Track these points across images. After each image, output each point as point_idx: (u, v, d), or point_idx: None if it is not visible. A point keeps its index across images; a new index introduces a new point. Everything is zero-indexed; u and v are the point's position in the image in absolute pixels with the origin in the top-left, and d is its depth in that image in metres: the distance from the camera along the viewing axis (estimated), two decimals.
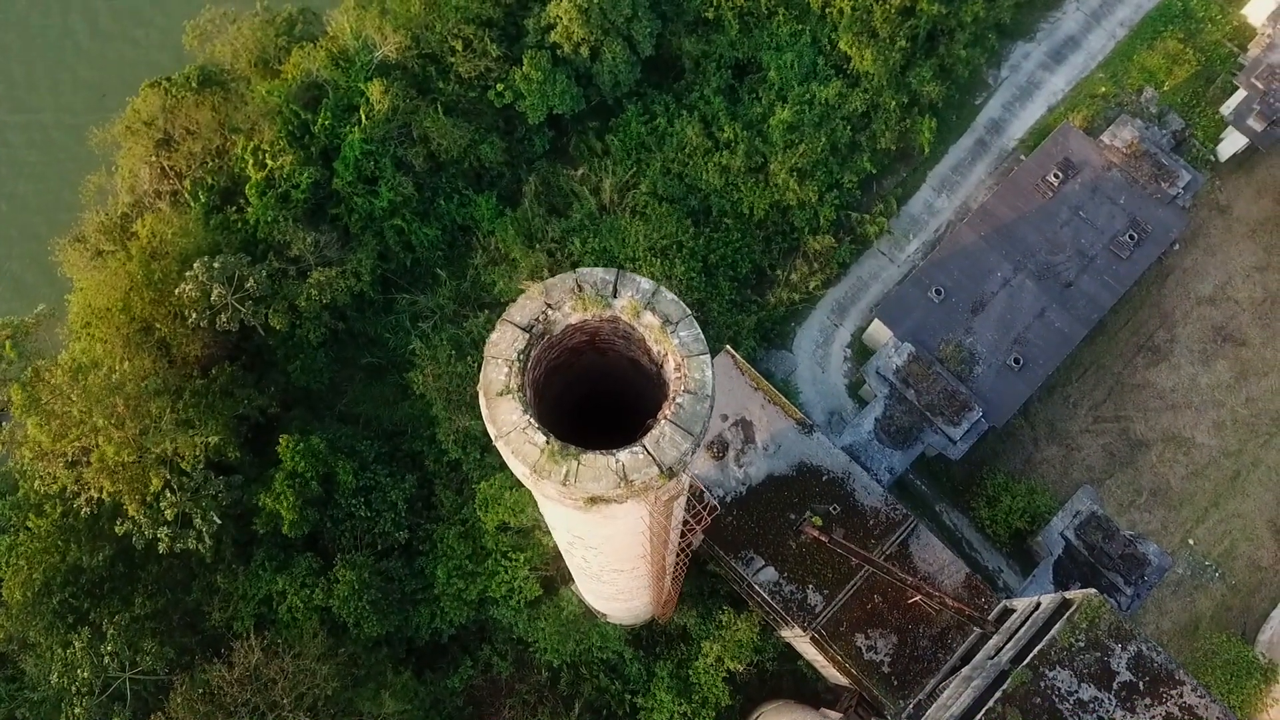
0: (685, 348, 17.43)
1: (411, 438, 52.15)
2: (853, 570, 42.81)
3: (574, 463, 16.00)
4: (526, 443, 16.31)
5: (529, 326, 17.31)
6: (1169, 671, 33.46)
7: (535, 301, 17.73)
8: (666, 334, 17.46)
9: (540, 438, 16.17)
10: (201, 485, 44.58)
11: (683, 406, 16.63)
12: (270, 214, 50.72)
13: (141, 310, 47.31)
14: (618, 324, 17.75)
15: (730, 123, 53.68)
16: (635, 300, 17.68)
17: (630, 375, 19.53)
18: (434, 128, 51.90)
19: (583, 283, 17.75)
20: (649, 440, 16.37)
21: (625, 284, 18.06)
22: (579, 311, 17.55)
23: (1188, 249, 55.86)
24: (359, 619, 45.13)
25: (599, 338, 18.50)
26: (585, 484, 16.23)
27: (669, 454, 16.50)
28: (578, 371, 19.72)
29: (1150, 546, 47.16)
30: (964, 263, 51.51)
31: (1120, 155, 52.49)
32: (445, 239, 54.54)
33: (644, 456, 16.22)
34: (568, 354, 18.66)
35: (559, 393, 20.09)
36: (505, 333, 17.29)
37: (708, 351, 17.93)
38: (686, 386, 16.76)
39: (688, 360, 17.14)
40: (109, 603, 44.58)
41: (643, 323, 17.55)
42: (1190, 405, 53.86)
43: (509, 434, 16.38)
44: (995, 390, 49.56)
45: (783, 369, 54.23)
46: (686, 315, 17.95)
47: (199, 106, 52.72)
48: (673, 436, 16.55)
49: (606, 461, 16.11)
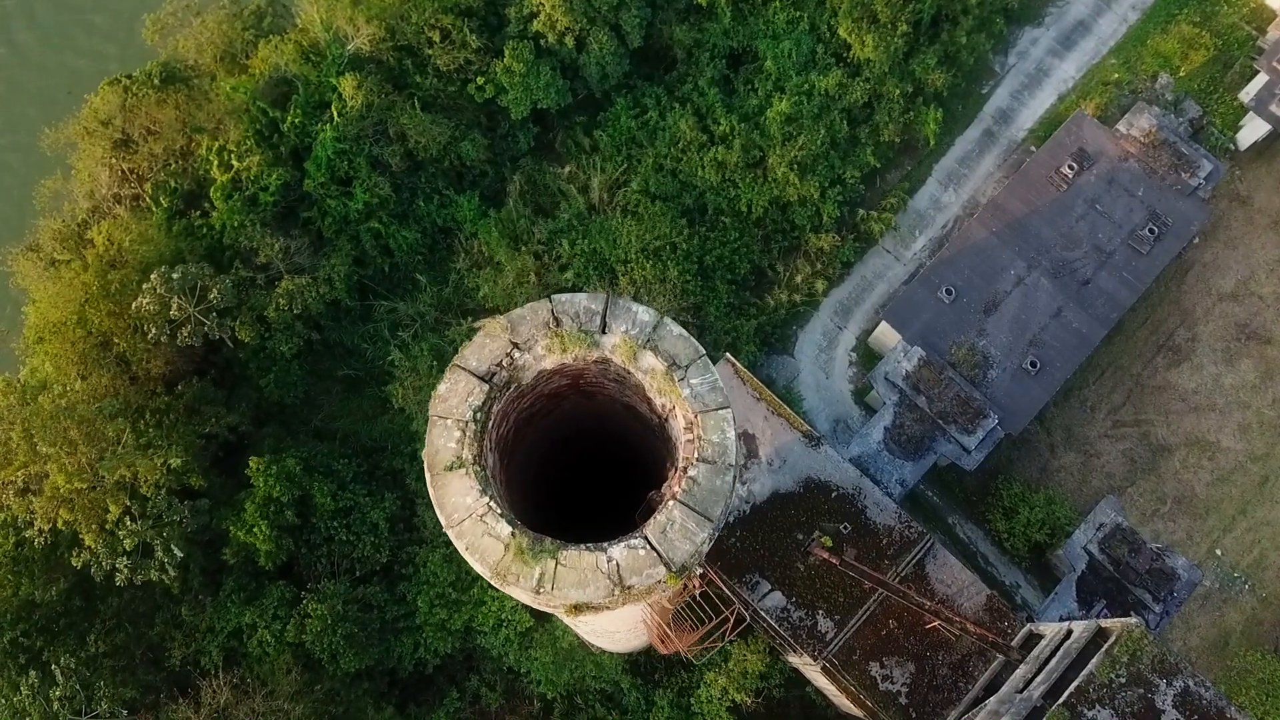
0: (699, 400, 13.59)
1: (392, 454, 49.14)
2: (866, 594, 39.90)
3: (550, 562, 12.70)
4: (486, 535, 12.83)
5: (489, 374, 13.50)
6: (1219, 709, 30.65)
7: (497, 341, 13.83)
8: (673, 381, 13.69)
9: (504, 528, 12.85)
10: (164, 512, 41.41)
11: (697, 482, 13.12)
12: (237, 218, 47.58)
13: (99, 324, 44.17)
14: (609, 366, 14.17)
15: (725, 115, 50.73)
16: (631, 337, 13.85)
17: (626, 421, 16.12)
18: (411, 124, 48.82)
19: (561, 314, 13.90)
20: (653, 529, 13.00)
21: (618, 315, 14.10)
22: (556, 353, 13.78)
23: (1207, 243, 53.10)
24: (334, 654, 42.03)
25: (584, 380, 15.02)
26: (566, 591, 12.72)
27: (680, 548, 12.86)
28: (558, 418, 16.33)
29: (1179, 560, 44.40)
30: (975, 260, 48.63)
31: (1137, 145, 49.68)
32: (425, 242, 51.49)
33: (646, 553, 12.82)
34: (544, 401, 15.16)
35: (534, 446, 16.71)
36: (457, 383, 13.47)
37: (728, 405, 14.20)
38: (702, 453, 13.24)
39: (703, 418, 13.44)
40: (64, 640, 41.37)
41: (641, 366, 13.83)
42: (1214, 407, 51.09)
43: (462, 523, 12.96)
44: (1011, 395, 46.72)
45: (784, 375, 51.30)
46: (700, 356, 14.06)
47: (161, 105, 49.55)
48: (684, 524, 12.98)
49: (595, 560, 12.76)
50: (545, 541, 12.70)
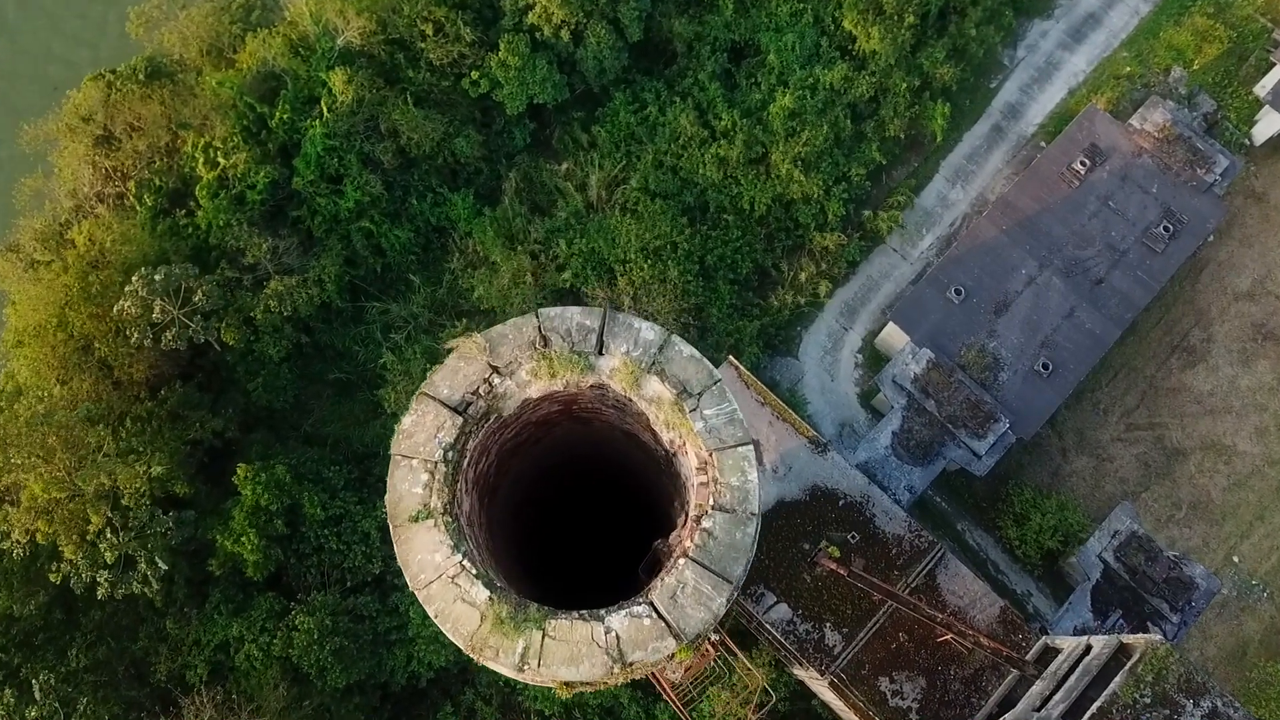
0: (715, 435, 11.57)
1: (384, 460, 47.35)
2: (875, 606, 38.43)
3: (536, 634, 10.98)
4: (459, 600, 11.05)
5: (463, 404, 11.43)
6: None
7: (473, 364, 11.66)
8: (683, 412, 11.68)
9: (480, 593, 11.11)
10: (147, 523, 39.92)
11: (713, 535, 11.21)
12: (223, 217, 46.09)
13: (80, 327, 42.64)
14: (607, 392, 12.31)
15: (727, 110, 49.23)
16: (633, 359, 11.81)
17: (626, 449, 14.32)
18: (404, 120, 47.33)
19: (549, 331, 11.87)
20: (661, 594, 11.18)
21: (617, 332, 12.05)
22: (543, 378, 11.80)
23: (1222, 240, 51.66)
24: (322, 669, 40.56)
25: (579, 405, 13.19)
26: (556, 669, 10.92)
27: (693, 617, 10.84)
28: (548, 446, 14.54)
29: (1196, 568, 43.02)
30: (985, 259, 47.18)
31: (1151, 140, 48.24)
32: (418, 242, 50.00)
33: (653, 622, 10.94)
34: (531, 429, 13.35)
35: (520, 477, 14.92)
36: (425, 416, 11.39)
37: (750, 440, 12.29)
38: (719, 499, 11.36)
39: (719, 456, 11.47)
40: (43, 655, 39.88)
41: (645, 394, 11.87)
42: (1230, 410, 49.66)
43: (430, 586, 11.18)
44: (1022, 398, 45.29)
45: (788, 377, 49.85)
46: (714, 382, 12.07)
47: (145, 100, 48.03)
48: (698, 586, 10.97)
49: (590, 632, 10.94)
50: (530, 609, 10.89)
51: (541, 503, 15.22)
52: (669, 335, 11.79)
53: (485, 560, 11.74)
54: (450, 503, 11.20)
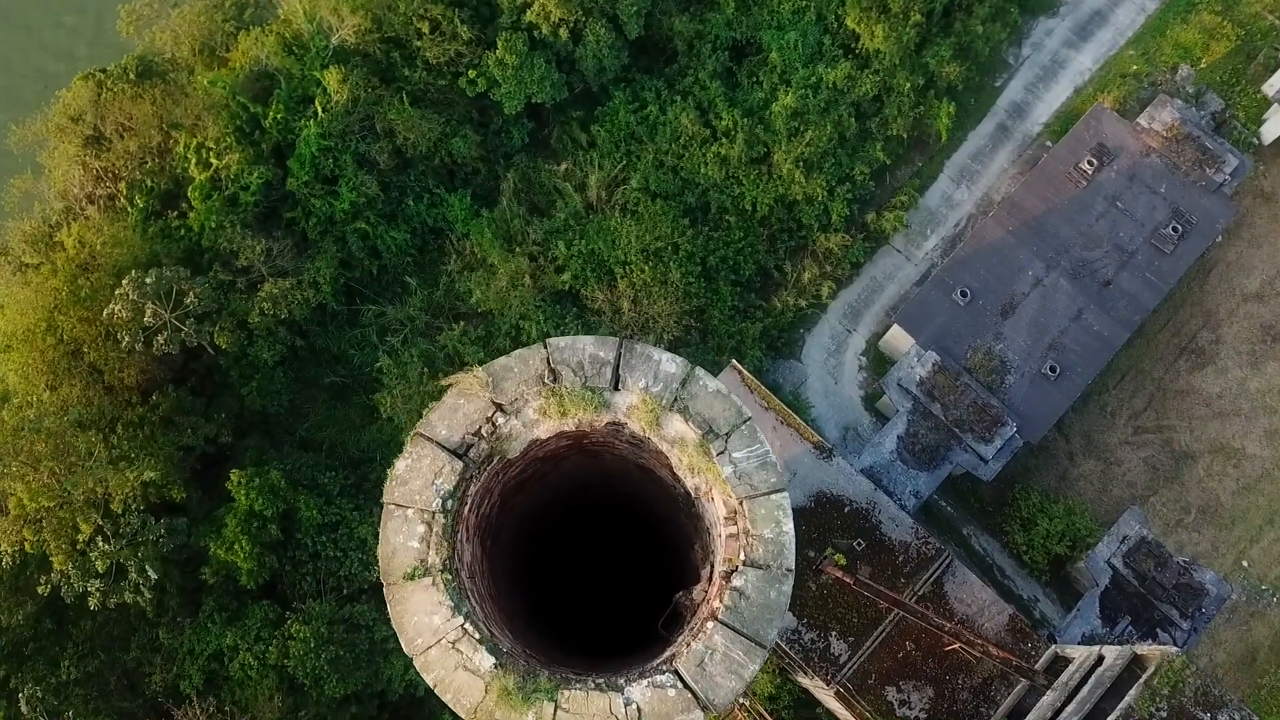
0: (745, 481, 10.44)
1: (381, 466, 46.78)
2: (881, 614, 37.74)
3: (547, 707, 10.08)
4: (460, 668, 10.08)
5: (463, 447, 10.21)
6: None
7: (474, 402, 10.36)
8: (710, 455, 10.55)
9: (484, 660, 10.18)
10: (138, 531, 39.11)
11: (745, 595, 10.13)
12: (216, 219, 45.25)
13: (69, 331, 41.80)
14: (622, 430, 11.27)
15: (728, 110, 48.46)
16: (653, 396, 10.58)
17: (639, 482, 13.33)
18: (400, 120, 46.53)
19: (559, 364, 10.57)
20: (687, 662, 10.25)
21: (634, 365, 10.72)
22: (553, 417, 10.63)
23: (1231, 241, 50.93)
24: (318, 679, 39.77)
25: (590, 440, 12.15)
26: None
27: (723, 686, 9.88)
28: (554, 480, 13.59)
29: (1207, 574, 42.29)
30: (991, 261, 46.44)
31: (1159, 139, 47.51)
32: (415, 243, 49.20)
33: (678, 693, 10.00)
34: (537, 464, 12.33)
35: (524, 514, 14.00)
36: (421, 460, 10.10)
37: (784, 486, 11.28)
38: (750, 554, 10.32)
39: (750, 505, 10.42)
40: (33, 666, 39.06)
41: (667, 435, 10.71)
42: (1239, 412, 48.95)
43: (428, 651, 10.20)
44: (1029, 402, 44.57)
45: (791, 381, 49.11)
46: (744, 421, 10.87)
47: (136, 100, 47.20)
48: (728, 653, 9.98)
49: (608, 704, 10.02)
50: (540, 678, 9.96)
51: (547, 540, 14.27)
52: (692, 368, 10.71)
53: (490, 616, 10.72)
54: (450, 558, 10.14)
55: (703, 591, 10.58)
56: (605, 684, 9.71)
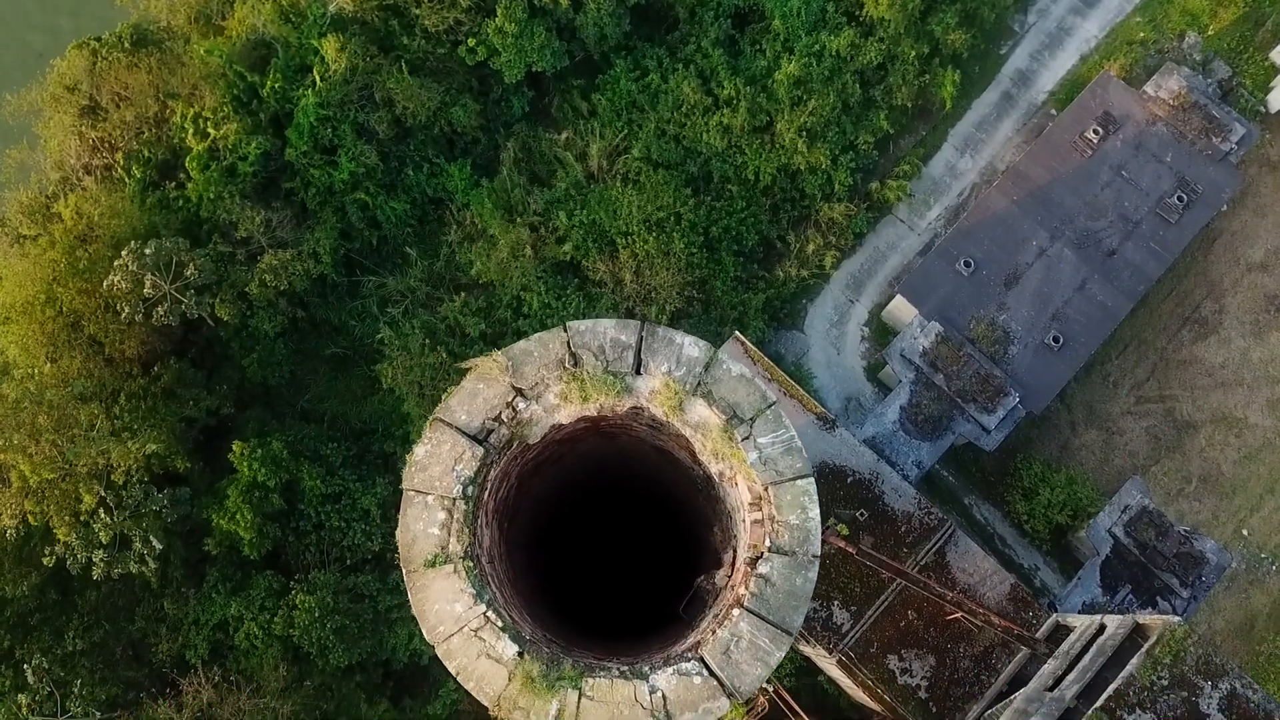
0: (771, 467, 10.36)
1: (383, 437, 46.91)
2: (884, 584, 37.85)
3: (571, 695, 10.01)
4: (483, 656, 10.07)
5: (483, 433, 10.07)
6: (1268, 713, 28.69)
7: (494, 386, 10.17)
8: (734, 441, 10.48)
9: (508, 648, 10.11)
10: (141, 502, 39.13)
11: (770, 582, 10.12)
12: (214, 190, 44.88)
13: (69, 303, 41.59)
14: (642, 413, 11.15)
15: (731, 78, 47.94)
16: (675, 380, 10.51)
17: (657, 464, 13.20)
18: (399, 89, 46.02)
19: (580, 349, 10.42)
20: (712, 650, 10.18)
21: (656, 350, 10.54)
22: (574, 402, 10.50)
23: (1236, 210, 50.65)
24: (323, 648, 39.97)
25: (607, 423, 11.95)
26: None
27: (749, 674, 9.87)
28: (570, 463, 13.42)
29: (1207, 543, 42.42)
30: (995, 231, 46.18)
31: (1166, 108, 47.07)
32: (415, 214, 48.87)
33: (703, 680, 9.95)
34: (554, 447, 12.16)
35: (539, 496, 13.83)
36: (440, 446, 9.92)
37: (810, 472, 11.15)
38: (776, 540, 10.29)
39: (776, 491, 10.37)
40: (39, 637, 39.22)
41: (690, 419, 10.64)
42: (1241, 382, 48.93)
43: (449, 639, 10.17)
44: (1032, 372, 44.51)
45: (794, 351, 49.00)
46: (768, 405, 10.82)
47: (132, 69, 46.64)
48: (754, 640, 9.96)
49: (632, 692, 9.95)
50: (564, 665, 9.88)
51: (561, 521, 14.16)
52: (714, 352, 10.59)
53: (510, 601, 10.59)
54: (471, 545, 9.97)
55: (725, 577, 10.50)
56: (630, 671, 9.62)
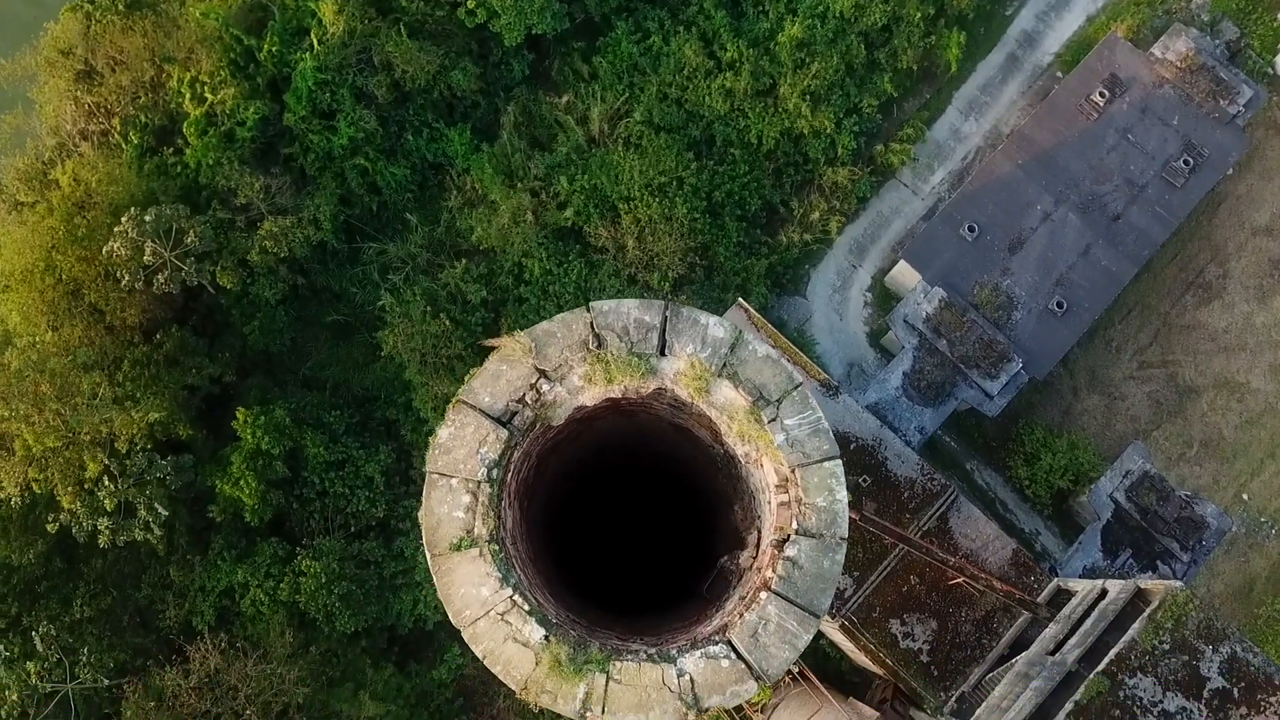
0: (798, 448, 10.35)
1: (385, 404, 46.90)
2: (886, 550, 38.05)
3: (600, 678, 10.04)
4: (510, 640, 10.13)
5: (507, 415, 10.14)
6: (1267, 676, 28.97)
7: (517, 368, 10.19)
8: (761, 423, 10.49)
9: (535, 632, 10.17)
10: (145, 469, 39.19)
11: (798, 565, 10.20)
12: (213, 156, 44.45)
13: (68, 270, 41.35)
14: (664, 394, 11.14)
15: (733, 40, 47.35)
16: (701, 361, 10.52)
17: (674, 441, 13.18)
18: (397, 52, 45.44)
19: (603, 329, 10.40)
20: (740, 633, 10.24)
21: (681, 330, 10.51)
22: (598, 384, 10.44)
23: (1241, 174, 50.30)
24: (329, 615, 40.26)
25: (627, 401, 11.92)
26: (622, 716, 10.01)
27: (777, 656, 9.97)
28: (586, 440, 13.36)
29: (1208, 507, 42.61)
30: (999, 195, 45.86)
31: (1173, 70, 46.55)
32: (415, 179, 48.46)
33: (731, 663, 10.01)
34: (573, 426, 12.11)
35: (555, 474, 13.79)
36: (464, 428, 9.96)
37: (838, 453, 11.15)
38: (803, 523, 10.31)
39: (803, 473, 10.39)
40: (46, 604, 39.45)
41: (716, 401, 10.63)
42: (1244, 347, 48.89)
43: (476, 623, 10.26)
44: (1036, 338, 44.43)
45: (796, 317, 48.88)
46: (795, 386, 10.78)
47: (126, 33, 46.01)
48: (781, 623, 10.04)
49: (660, 675, 10.01)
50: (591, 648, 9.90)
51: (575, 496, 14.19)
52: (740, 332, 10.53)
53: (534, 583, 10.66)
54: (496, 528, 9.99)
55: (750, 558, 10.53)
56: (657, 654, 9.68)
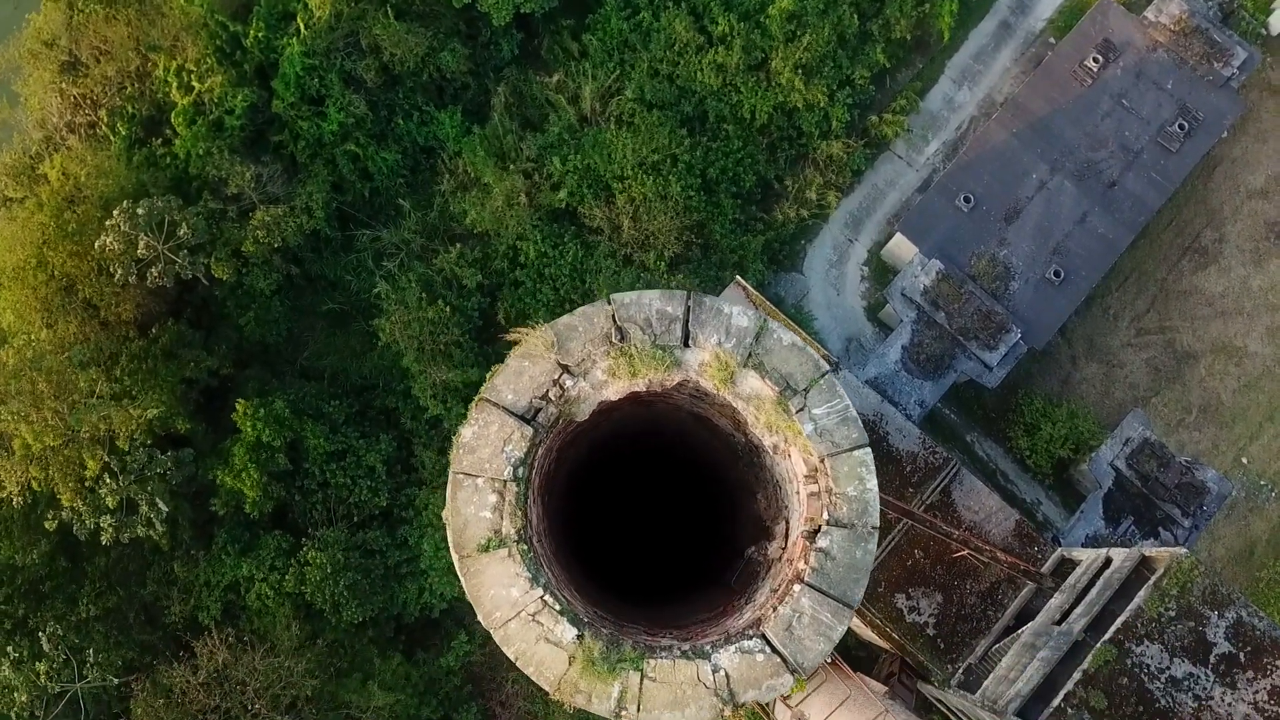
0: (827, 438, 10.36)
1: (384, 393, 46.71)
2: (890, 524, 38.07)
3: (634, 676, 10.03)
4: (542, 640, 10.06)
5: (531, 412, 9.96)
6: (1273, 639, 29.14)
7: (540, 364, 10.04)
8: (789, 413, 10.44)
9: (567, 631, 10.09)
10: (146, 465, 39.03)
11: (830, 556, 10.23)
12: (202, 145, 43.98)
13: (60, 266, 40.96)
14: (687, 385, 11.06)
15: (724, 14, 46.84)
16: (726, 352, 10.44)
17: (693, 429, 13.18)
18: (385, 35, 44.90)
19: (625, 322, 10.27)
20: (774, 626, 10.25)
21: (704, 320, 10.40)
22: (622, 378, 10.32)
23: (1236, 137, 50.09)
24: (336, 605, 40.28)
25: (649, 393, 11.84)
26: (658, 714, 9.98)
27: (812, 649, 9.95)
28: (604, 431, 13.26)
29: (1208, 472, 42.79)
30: (994, 165, 45.66)
31: (1167, 33, 46.25)
32: (406, 164, 48.03)
33: (766, 657, 10.07)
34: (594, 417, 11.98)
35: (574, 465, 13.73)
36: (489, 427, 9.77)
37: (866, 441, 11.16)
38: (834, 513, 10.35)
39: (833, 462, 10.39)
40: (52, 604, 39.37)
41: (742, 392, 10.59)
42: (1241, 311, 48.91)
43: (507, 625, 10.21)
44: (1034, 308, 44.41)
45: (793, 293, 48.72)
46: (822, 375, 10.82)
47: (110, 21, 45.33)
48: (816, 616, 10.07)
49: (695, 672, 10.03)
50: (624, 646, 9.84)
51: (591, 485, 14.22)
52: (764, 320, 10.47)
53: (561, 580, 10.62)
54: (524, 527, 9.90)
55: (780, 549, 10.51)
56: (691, 651, 9.68)
